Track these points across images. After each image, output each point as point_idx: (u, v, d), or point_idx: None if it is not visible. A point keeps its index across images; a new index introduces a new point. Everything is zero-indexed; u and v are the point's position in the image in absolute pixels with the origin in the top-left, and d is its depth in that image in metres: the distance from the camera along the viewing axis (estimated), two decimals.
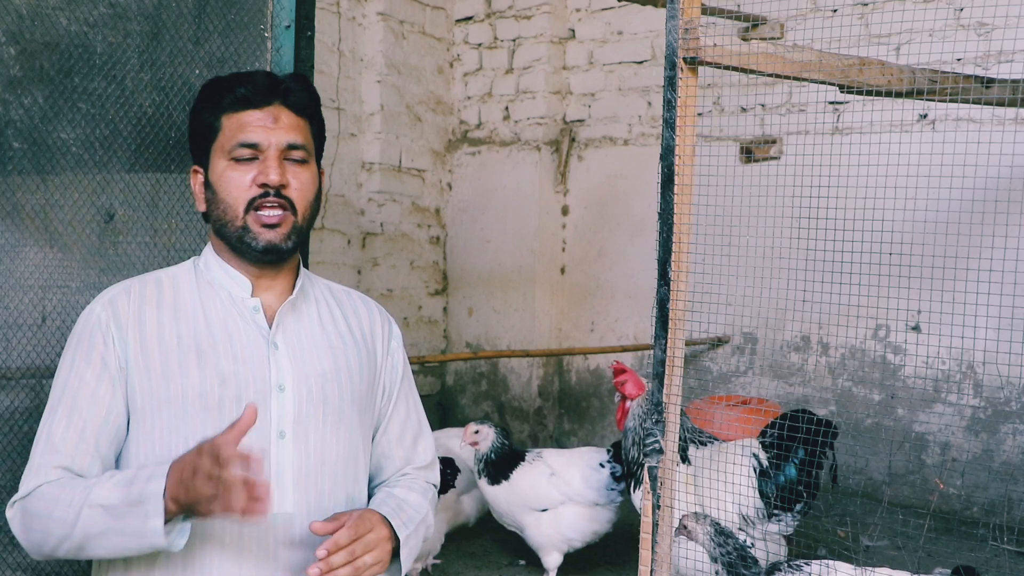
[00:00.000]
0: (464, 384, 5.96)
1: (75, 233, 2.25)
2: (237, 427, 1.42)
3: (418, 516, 1.77)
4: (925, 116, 4.38)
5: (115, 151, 2.25)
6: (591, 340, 5.57)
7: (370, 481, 1.85)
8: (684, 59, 1.95)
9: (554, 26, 5.62)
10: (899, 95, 2.44)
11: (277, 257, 1.68)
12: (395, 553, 1.67)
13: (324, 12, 5.06)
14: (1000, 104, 2.70)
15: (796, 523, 3.08)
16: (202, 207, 1.72)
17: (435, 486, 1.94)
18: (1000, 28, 4.10)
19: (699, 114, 2.02)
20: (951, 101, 2.36)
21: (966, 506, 4.26)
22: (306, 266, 2.64)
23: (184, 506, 1.45)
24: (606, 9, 5.50)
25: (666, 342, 2.00)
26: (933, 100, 2.41)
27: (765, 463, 3.10)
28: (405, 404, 1.89)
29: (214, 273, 1.71)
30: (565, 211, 5.73)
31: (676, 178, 1.96)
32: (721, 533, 2.45)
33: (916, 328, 4.37)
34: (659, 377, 2.02)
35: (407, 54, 5.65)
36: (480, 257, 5.86)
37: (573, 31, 5.68)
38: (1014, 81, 2.67)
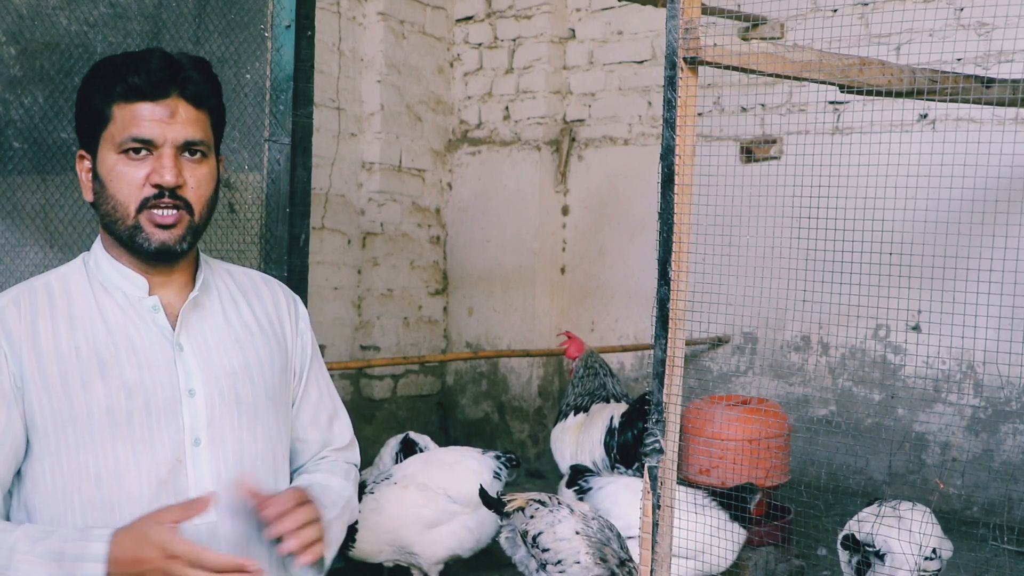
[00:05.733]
0: (464, 384, 5.96)
1: (75, 233, 2.25)
2: (183, 509, 1.39)
3: (341, 500, 1.72)
4: (925, 116, 4.38)
5: None
6: (591, 340, 5.56)
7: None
8: (684, 59, 1.95)
9: (554, 26, 5.62)
10: (899, 95, 2.43)
11: (170, 258, 1.58)
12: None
13: (324, 12, 5.06)
14: (1000, 104, 2.69)
15: (638, 477, 3.50)
16: (89, 197, 1.59)
17: (356, 466, 1.88)
18: (1000, 28, 4.09)
19: (699, 114, 2.01)
20: (951, 101, 2.36)
21: (966, 506, 4.26)
22: (306, 266, 2.63)
23: None
24: (606, 9, 5.49)
25: (666, 342, 2.00)
26: (933, 100, 2.41)
27: (615, 424, 3.89)
28: (316, 385, 1.80)
29: (106, 273, 1.59)
30: (565, 211, 5.73)
31: (676, 178, 1.96)
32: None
33: (916, 328, 4.37)
34: (659, 377, 2.01)
35: (407, 54, 5.65)
36: (480, 257, 5.86)
37: (573, 31, 5.68)
38: (1014, 81, 2.67)
